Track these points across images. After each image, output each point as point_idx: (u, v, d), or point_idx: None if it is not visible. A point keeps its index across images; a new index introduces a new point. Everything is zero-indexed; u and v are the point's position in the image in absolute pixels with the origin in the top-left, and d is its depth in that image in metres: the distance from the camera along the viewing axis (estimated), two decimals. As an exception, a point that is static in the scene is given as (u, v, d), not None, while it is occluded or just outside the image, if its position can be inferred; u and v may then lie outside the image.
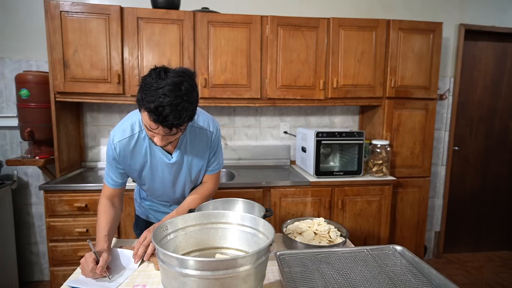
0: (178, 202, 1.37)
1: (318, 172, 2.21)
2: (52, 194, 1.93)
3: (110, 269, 1.02)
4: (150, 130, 1.01)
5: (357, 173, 2.27)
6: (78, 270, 1.04)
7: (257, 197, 2.09)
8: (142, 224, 1.47)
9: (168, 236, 0.89)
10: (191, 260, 0.69)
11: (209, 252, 0.96)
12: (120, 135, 1.17)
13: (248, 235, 0.94)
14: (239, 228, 0.96)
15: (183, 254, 0.91)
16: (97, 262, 1.00)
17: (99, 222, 1.16)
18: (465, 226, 3.07)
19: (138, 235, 1.48)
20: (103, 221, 1.16)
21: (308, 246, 1.13)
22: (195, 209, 1.19)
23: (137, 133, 1.18)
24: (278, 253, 1.04)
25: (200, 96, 2.15)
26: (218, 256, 0.92)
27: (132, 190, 1.76)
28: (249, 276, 0.73)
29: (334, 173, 2.26)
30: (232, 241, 0.97)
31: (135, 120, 1.19)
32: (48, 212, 1.94)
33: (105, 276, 0.98)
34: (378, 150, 2.30)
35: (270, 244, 0.77)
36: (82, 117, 2.45)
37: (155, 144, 1.06)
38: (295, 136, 2.68)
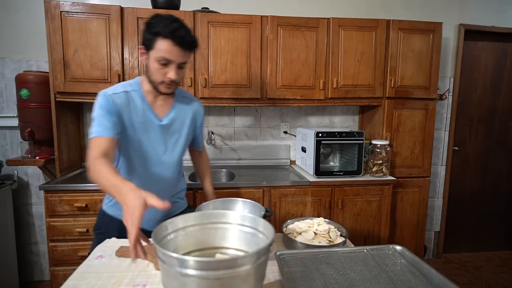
0: (167, 185, 1.32)
1: (318, 172, 2.21)
2: (52, 194, 1.93)
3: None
4: (164, 65, 1.11)
5: (357, 173, 2.27)
6: (79, 269, 1.04)
7: (257, 197, 2.09)
8: (114, 225, 1.27)
9: (168, 236, 0.89)
10: (191, 260, 0.69)
11: (209, 252, 0.96)
12: (113, 90, 1.18)
13: (248, 235, 0.94)
14: (239, 228, 0.96)
15: (183, 254, 0.91)
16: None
17: (104, 174, 0.96)
18: (465, 226, 3.07)
19: (101, 240, 1.23)
20: (109, 172, 0.96)
21: (308, 246, 1.13)
22: (194, 209, 1.20)
23: (130, 91, 1.20)
24: (278, 253, 1.04)
25: (200, 96, 2.17)
26: (218, 256, 0.92)
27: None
28: (249, 276, 0.73)
29: (334, 173, 2.26)
30: (232, 241, 0.97)
31: (124, 83, 1.23)
32: (48, 212, 1.94)
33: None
34: (378, 150, 2.30)
35: (270, 244, 0.77)
36: (82, 117, 2.45)
37: (170, 80, 1.14)
38: (295, 136, 2.69)
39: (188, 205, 1.56)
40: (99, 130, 1.10)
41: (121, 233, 1.13)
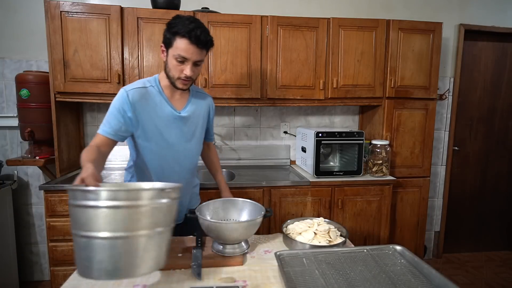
0: (187, 174, 1.43)
1: (318, 172, 2.21)
2: (52, 194, 1.93)
3: None
4: (181, 62, 1.21)
5: (357, 173, 2.27)
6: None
7: (257, 197, 2.09)
8: None
9: None
10: (92, 189, 0.76)
11: None
12: (132, 85, 1.28)
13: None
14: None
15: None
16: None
17: (84, 155, 1.06)
18: (465, 226, 3.07)
19: None
20: (86, 158, 1.05)
21: (308, 246, 1.13)
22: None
23: (149, 87, 1.30)
24: (278, 253, 1.04)
25: (200, 96, 2.17)
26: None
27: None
28: (142, 215, 0.78)
29: (334, 173, 2.26)
30: None
31: (144, 80, 1.33)
32: (48, 212, 1.94)
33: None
34: (378, 150, 2.30)
35: (165, 189, 0.82)
36: (82, 117, 2.45)
37: (185, 76, 1.22)
38: (295, 136, 2.68)
39: (200, 201, 1.61)
40: (103, 129, 1.23)
41: None
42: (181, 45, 1.19)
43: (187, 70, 1.22)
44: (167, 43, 1.22)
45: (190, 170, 1.45)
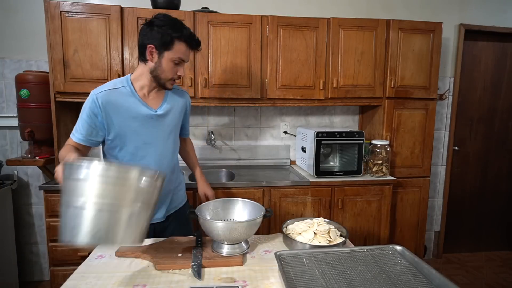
0: (167, 172, 1.40)
1: (318, 172, 2.21)
2: (52, 194, 1.93)
3: None
4: (177, 64, 1.26)
5: (357, 173, 2.27)
6: (79, 269, 1.04)
7: (257, 197, 2.09)
8: None
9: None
10: (87, 163, 0.84)
11: None
12: (101, 88, 1.27)
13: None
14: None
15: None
16: None
17: (60, 157, 1.17)
18: (465, 226, 3.07)
19: None
20: (65, 154, 1.15)
21: (308, 246, 1.13)
22: (193, 207, 1.19)
23: (120, 88, 1.28)
24: (278, 253, 1.04)
25: (200, 96, 2.18)
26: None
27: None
28: (130, 190, 0.87)
29: (334, 173, 2.26)
30: None
31: (115, 81, 1.32)
32: (48, 212, 1.94)
33: None
34: (378, 150, 2.30)
35: (158, 178, 0.92)
36: (82, 117, 2.45)
37: (179, 76, 1.29)
38: (295, 136, 2.69)
39: (187, 200, 1.60)
40: (75, 135, 1.26)
41: None
42: (181, 48, 1.24)
43: (182, 71, 1.29)
44: (163, 46, 1.23)
45: (169, 169, 1.42)
